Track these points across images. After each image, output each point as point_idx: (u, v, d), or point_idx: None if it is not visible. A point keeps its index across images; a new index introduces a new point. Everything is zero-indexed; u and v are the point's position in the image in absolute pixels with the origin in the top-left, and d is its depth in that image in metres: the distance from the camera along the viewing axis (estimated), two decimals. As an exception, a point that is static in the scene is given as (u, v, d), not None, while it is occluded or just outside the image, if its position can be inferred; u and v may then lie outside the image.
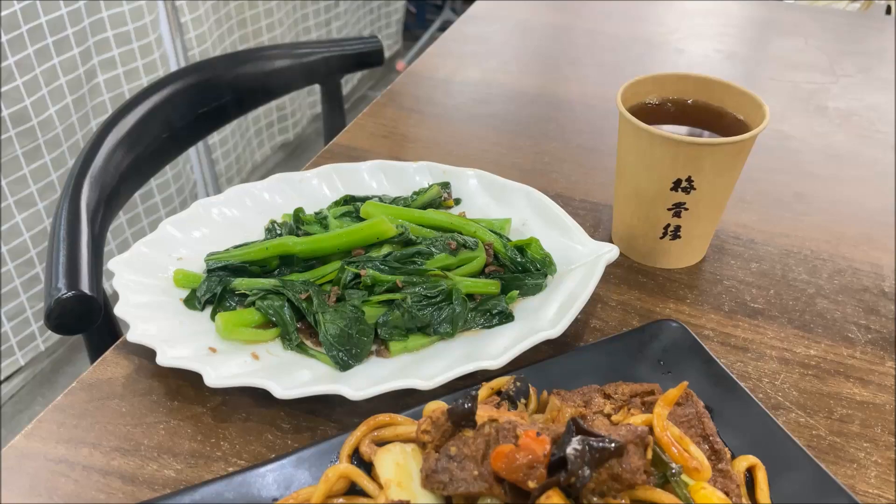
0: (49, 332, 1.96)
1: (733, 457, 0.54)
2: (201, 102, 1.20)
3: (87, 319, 0.80)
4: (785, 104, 1.07)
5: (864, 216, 0.85)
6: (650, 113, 0.74)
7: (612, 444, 0.45)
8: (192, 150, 2.04)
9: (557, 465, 0.45)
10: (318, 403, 0.61)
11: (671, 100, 0.76)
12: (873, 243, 0.81)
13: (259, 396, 0.61)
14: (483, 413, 0.51)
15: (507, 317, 0.66)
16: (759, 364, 0.66)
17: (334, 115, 1.38)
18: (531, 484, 0.44)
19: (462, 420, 0.49)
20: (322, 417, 0.60)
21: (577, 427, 0.46)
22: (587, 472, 0.44)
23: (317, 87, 1.38)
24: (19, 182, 1.77)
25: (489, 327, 0.65)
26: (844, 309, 0.72)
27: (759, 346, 0.68)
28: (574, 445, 0.44)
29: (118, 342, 0.67)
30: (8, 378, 1.90)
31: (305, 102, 2.81)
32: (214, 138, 2.22)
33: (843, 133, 1.00)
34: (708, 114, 0.74)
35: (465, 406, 0.49)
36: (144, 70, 1.95)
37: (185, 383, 0.63)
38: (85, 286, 0.82)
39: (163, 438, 0.59)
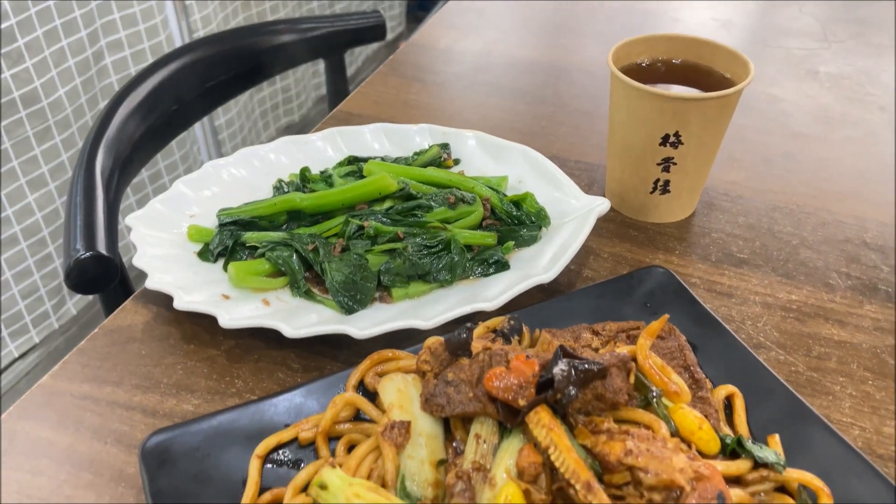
0: (63, 310, 2.00)
1: (713, 387, 0.58)
2: (209, 76, 1.23)
3: (104, 279, 0.84)
4: (777, 69, 1.10)
5: (850, 173, 0.88)
6: (641, 73, 0.77)
7: (596, 367, 0.48)
8: (198, 132, 2.08)
9: (546, 385, 0.48)
10: (325, 345, 0.65)
11: (661, 60, 0.79)
12: (858, 198, 0.84)
13: (270, 340, 0.65)
14: (478, 345, 0.54)
15: (503, 266, 0.69)
16: (742, 308, 0.70)
17: (338, 90, 1.41)
18: (521, 402, 0.48)
19: (458, 349, 0.53)
20: (329, 358, 0.64)
21: (564, 352, 0.50)
22: (573, 391, 0.48)
23: (321, 67, 1.41)
24: (31, 162, 1.81)
25: (486, 275, 0.69)
26: (826, 258, 0.75)
27: (743, 293, 0.71)
28: (561, 367, 0.48)
29: (136, 293, 0.71)
30: (23, 356, 1.94)
31: (310, 84, 2.84)
32: (220, 119, 2.25)
33: (832, 96, 1.03)
34: (696, 73, 0.77)
35: (462, 336, 0.53)
36: (151, 52, 1.98)
37: (199, 329, 0.67)
38: (102, 247, 0.86)
39: (180, 377, 0.63)
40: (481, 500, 0.46)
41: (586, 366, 0.48)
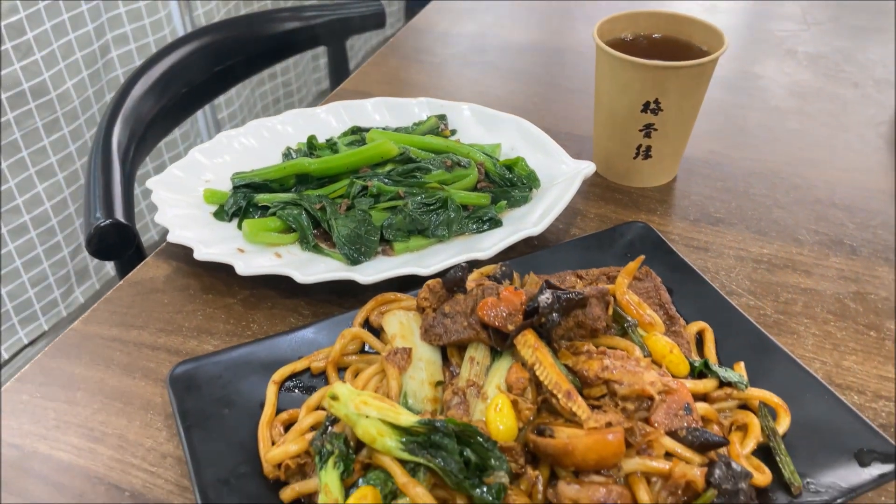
0: (71, 298, 2.05)
1: (686, 324, 0.63)
2: (217, 61, 1.29)
3: (122, 245, 0.90)
4: (758, 49, 1.15)
5: (822, 142, 0.94)
6: (624, 47, 0.83)
7: (577, 296, 0.54)
8: (202, 125, 2.14)
9: (532, 312, 0.54)
10: (333, 294, 0.70)
11: (643, 35, 0.85)
12: (830, 164, 0.89)
13: (282, 290, 0.71)
14: (472, 283, 0.60)
15: (496, 223, 0.75)
16: (717, 261, 0.75)
17: (340, 78, 1.47)
18: (510, 327, 0.54)
19: (454, 286, 0.59)
20: (336, 306, 0.70)
21: (548, 285, 0.56)
22: (556, 316, 0.53)
23: (321, 62, 1.46)
24: (40, 153, 1.85)
25: (480, 232, 0.75)
26: (797, 217, 0.81)
27: (718, 247, 0.77)
28: (545, 296, 0.54)
29: (157, 249, 0.77)
30: (32, 342, 1.99)
31: (311, 79, 2.90)
32: (223, 113, 2.31)
33: (809, 73, 1.09)
34: (676, 46, 0.83)
35: (457, 275, 0.59)
36: (155, 45, 2.03)
37: (216, 280, 0.73)
38: (120, 215, 0.92)
39: (200, 322, 0.69)
40: (474, 411, 0.52)
41: (568, 295, 0.54)
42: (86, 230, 0.92)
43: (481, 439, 0.47)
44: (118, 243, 0.90)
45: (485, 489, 0.46)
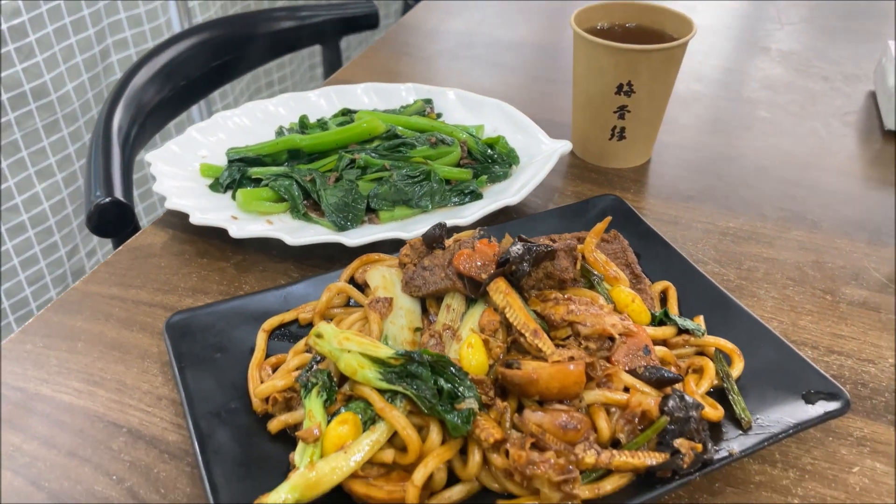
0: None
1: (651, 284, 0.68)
2: (215, 56, 1.34)
3: (121, 223, 0.93)
4: (733, 46, 1.21)
5: (790, 129, 0.98)
6: (600, 35, 0.87)
7: (546, 248, 0.58)
8: (196, 118, 2.18)
9: (504, 263, 0.58)
10: (321, 259, 0.74)
11: (618, 24, 0.90)
12: (796, 148, 0.94)
13: (273, 255, 0.75)
14: (450, 241, 0.64)
15: (476, 196, 0.79)
16: (685, 233, 0.80)
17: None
18: (483, 276, 0.58)
19: (433, 242, 0.63)
20: (323, 270, 0.74)
21: (520, 239, 0.60)
22: (526, 266, 0.58)
23: (317, 61, 1.51)
24: (39, 153, 1.89)
25: (461, 204, 0.79)
26: (763, 195, 0.86)
27: (687, 221, 0.82)
28: (516, 247, 0.58)
29: (154, 220, 0.81)
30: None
31: (306, 76, 2.95)
32: (217, 105, 2.35)
33: (781, 68, 1.14)
34: (649, 35, 0.88)
35: (436, 232, 0.63)
36: (155, 51, 2.07)
37: (211, 247, 0.77)
38: (119, 194, 0.96)
39: (195, 283, 0.73)
40: (449, 351, 0.56)
41: (538, 247, 0.58)
42: (86, 207, 0.96)
43: (453, 370, 0.51)
44: (117, 221, 0.94)
45: (456, 414, 0.50)
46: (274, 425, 0.55)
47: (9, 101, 1.75)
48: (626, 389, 0.53)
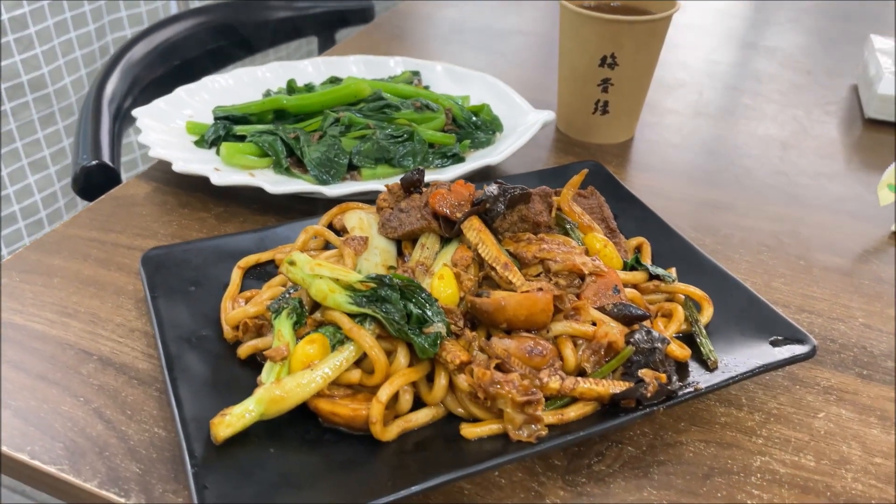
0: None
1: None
2: (211, 40, 1.35)
3: (107, 186, 0.94)
4: (720, 40, 1.23)
5: (773, 115, 1.00)
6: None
7: (522, 191, 0.59)
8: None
9: (479, 203, 0.59)
10: (302, 214, 0.75)
11: (605, 3, 0.91)
12: (778, 132, 0.96)
13: (254, 208, 0.76)
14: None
15: (459, 158, 0.80)
16: (664, 203, 0.80)
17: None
18: (458, 215, 0.58)
19: (411, 186, 0.64)
20: (308, 222, 0.74)
21: (496, 182, 0.60)
22: (501, 206, 0.58)
23: (313, 52, 1.52)
24: (34, 145, 1.89)
25: (443, 166, 0.80)
26: (744, 169, 0.87)
27: (666, 191, 0.82)
28: (491, 188, 0.59)
29: (139, 173, 0.81)
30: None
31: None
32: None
33: (766, 61, 1.16)
34: (636, 11, 0.89)
35: (415, 176, 0.64)
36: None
37: (193, 198, 0.77)
38: (106, 158, 0.97)
39: (175, 230, 0.73)
40: (422, 285, 0.56)
41: (513, 189, 0.59)
42: (73, 169, 0.97)
43: (423, 295, 0.52)
44: (103, 183, 0.94)
45: (423, 337, 0.50)
46: (244, 350, 0.55)
47: (6, 91, 1.76)
48: (595, 325, 0.54)
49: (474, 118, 0.85)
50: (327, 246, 0.66)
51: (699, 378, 0.54)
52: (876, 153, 0.92)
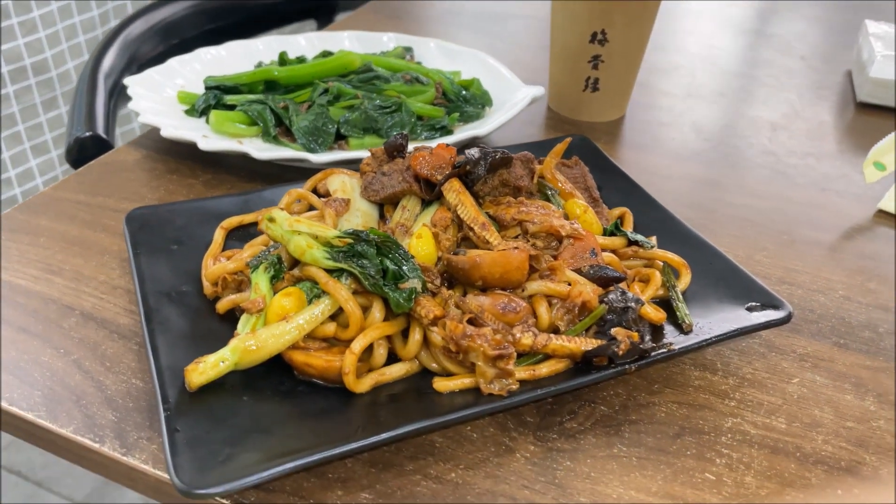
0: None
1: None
2: (209, 20, 1.36)
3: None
4: (717, 26, 1.23)
5: (765, 98, 1.00)
6: (579, -10, 0.90)
7: (503, 154, 0.59)
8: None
9: (461, 166, 0.59)
10: (290, 183, 0.75)
11: (598, -20, 0.91)
12: (769, 114, 0.96)
13: (242, 176, 0.76)
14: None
15: (447, 131, 0.81)
16: (651, 177, 0.81)
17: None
18: (438, 177, 0.59)
19: (395, 151, 0.64)
20: (293, 186, 0.75)
21: (478, 146, 0.61)
22: (481, 169, 0.59)
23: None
24: (36, 129, 1.90)
25: (431, 138, 0.80)
26: (733, 148, 0.87)
27: (654, 167, 0.83)
28: (473, 151, 0.59)
29: (129, 141, 0.82)
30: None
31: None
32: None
33: (762, 47, 1.16)
34: (627, -9, 0.90)
35: (398, 140, 0.64)
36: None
37: (181, 165, 0.78)
38: (100, 130, 0.97)
39: (163, 195, 0.74)
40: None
41: (495, 153, 0.59)
42: (66, 141, 0.98)
43: (399, 252, 0.52)
44: (96, 155, 0.95)
45: (399, 293, 0.51)
46: (222, 304, 0.55)
47: (9, 74, 1.77)
48: (570, 284, 0.54)
49: (464, 92, 0.85)
50: (311, 210, 0.66)
51: (674, 340, 0.55)
52: (866, 136, 0.92)
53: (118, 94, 1.11)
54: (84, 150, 0.95)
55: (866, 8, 1.32)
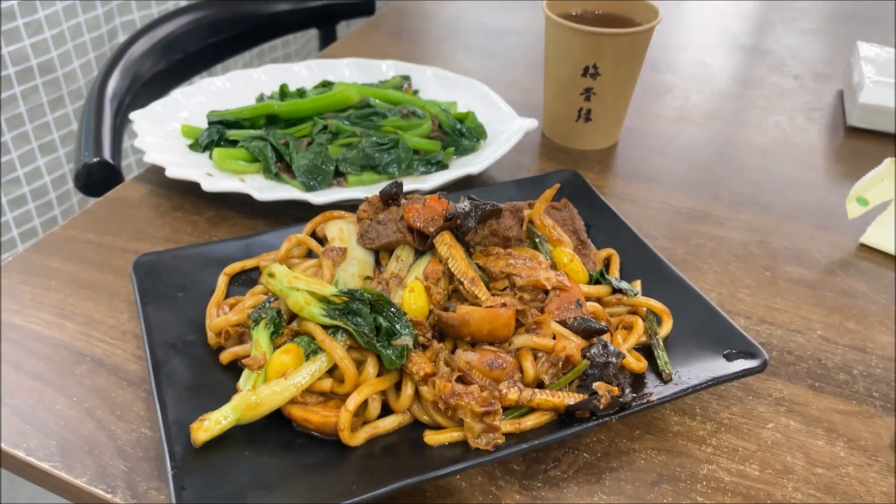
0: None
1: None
2: (213, 33, 1.38)
3: (108, 183, 0.97)
4: (710, 42, 1.24)
5: (756, 121, 1.02)
6: (573, 20, 0.91)
7: (493, 207, 0.62)
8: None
9: (452, 218, 0.62)
10: (290, 218, 0.78)
11: (590, 11, 0.93)
12: (760, 139, 0.98)
13: (244, 212, 0.79)
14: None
15: (443, 166, 0.83)
16: (640, 211, 0.83)
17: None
18: (431, 229, 0.62)
19: (389, 199, 0.67)
20: (292, 227, 0.78)
21: (469, 198, 0.63)
22: (472, 222, 0.61)
23: (314, 45, 1.54)
24: (43, 128, 1.93)
25: (427, 173, 0.83)
26: (720, 179, 0.89)
27: (644, 200, 0.85)
28: (464, 204, 0.62)
29: (134, 176, 0.85)
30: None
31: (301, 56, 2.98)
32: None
33: (755, 65, 1.17)
34: (618, 21, 0.91)
35: (393, 189, 0.67)
36: (161, 30, 2.11)
37: (185, 202, 0.81)
38: (108, 156, 1.00)
39: (168, 233, 0.77)
40: (394, 297, 0.60)
41: (485, 205, 0.62)
42: (75, 166, 1.01)
43: (393, 310, 0.55)
44: (104, 180, 0.98)
45: (392, 350, 0.54)
46: (225, 356, 0.58)
47: (16, 75, 1.79)
48: (555, 338, 0.57)
49: (459, 125, 0.88)
50: (310, 253, 0.69)
51: (654, 389, 0.58)
52: (854, 163, 0.94)
53: (124, 116, 1.13)
54: (92, 176, 0.98)
55: (863, 18, 1.33)
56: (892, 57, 1.05)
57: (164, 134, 0.86)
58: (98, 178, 0.97)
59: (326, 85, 0.95)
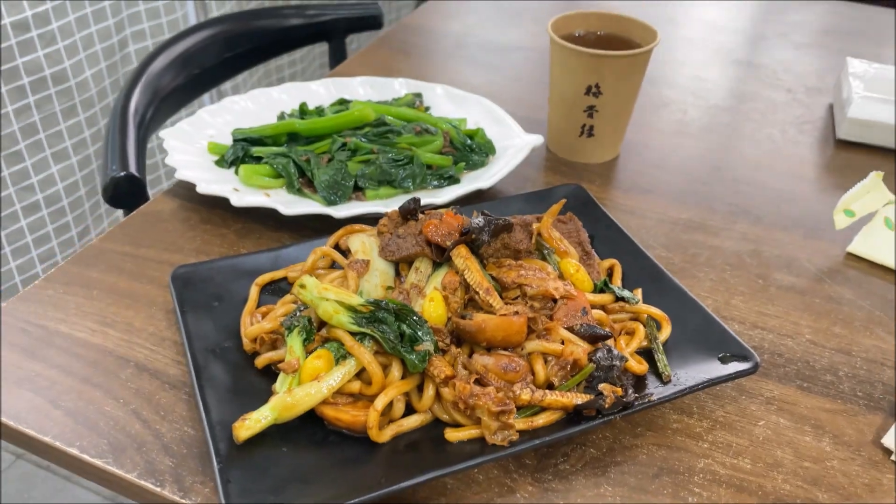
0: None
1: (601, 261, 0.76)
2: (228, 48, 1.43)
3: (134, 196, 1.03)
4: (706, 57, 1.30)
5: (749, 134, 1.07)
6: (576, 41, 0.97)
7: (504, 222, 0.67)
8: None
9: (467, 233, 0.67)
10: (312, 231, 0.83)
11: (592, 32, 0.98)
12: (752, 152, 1.03)
13: (269, 225, 0.84)
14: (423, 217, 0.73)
15: (454, 180, 0.89)
16: (640, 221, 0.89)
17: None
18: (448, 243, 0.67)
19: (408, 214, 0.72)
20: (316, 240, 0.83)
21: (483, 213, 0.69)
22: (485, 236, 0.66)
23: (324, 58, 1.58)
24: (56, 136, 1.98)
25: (440, 187, 0.88)
26: (715, 191, 0.95)
27: (643, 211, 0.90)
28: (478, 220, 0.67)
29: (164, 190, 0.90)
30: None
31: (316, 73, 3.04)
32: (229, 95, 2.44)
33: (749, 79, 1.23)
34: (619, 42, 0.97)
35: (411, 205, 0.72)
36: (172, 42, 2.17)
37: (214, 215, 0.86)
38: (134, 169, 1.05)
39: (199, 245, 0.82)
40: (415, 306, 0.65)
41: (497, 220, 0.67)
42: (102, 180, 1.06)
43: (415, 318, 0.60)
44: (130, 193, 1.03)
45: (415, 354, 0.59)
46: (260, 361, 0.64)
47: (30, 85, 1.84)
48: (564, 343, 0.62)
49: (469, 141, 0.93)
50: (334, 264, 0.74)
51: (654, 390, 0.63)
52: (843, 174, 0.99)
53: (146, 129, 1.19)
54: (119, 189, 1.03)
55: (854, 33, 1.39)
56: (879, 73, 1.10)
57: (191, 151, 0.91)
58: (125, 190, 1.02)
59: (343, 103, 1.01)
